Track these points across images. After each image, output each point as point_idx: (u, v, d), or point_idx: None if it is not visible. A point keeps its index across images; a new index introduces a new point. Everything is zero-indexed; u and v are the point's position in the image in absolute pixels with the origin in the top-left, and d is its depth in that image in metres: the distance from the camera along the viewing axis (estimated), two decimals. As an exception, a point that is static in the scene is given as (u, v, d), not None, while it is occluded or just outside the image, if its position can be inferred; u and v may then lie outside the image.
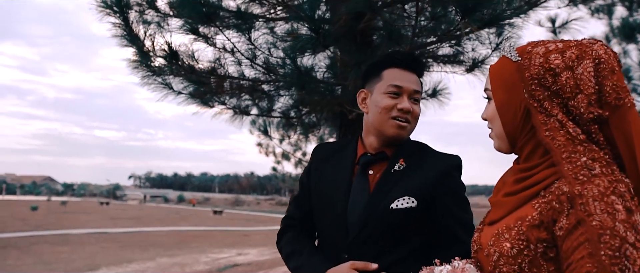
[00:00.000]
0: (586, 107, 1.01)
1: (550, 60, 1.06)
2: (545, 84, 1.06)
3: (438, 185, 1.64)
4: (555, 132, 1.03)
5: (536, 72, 1.07)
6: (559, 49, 1.07)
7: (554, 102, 1.05)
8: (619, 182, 0.96)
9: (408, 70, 1.70)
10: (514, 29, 4.00)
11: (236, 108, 4.65)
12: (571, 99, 1.03)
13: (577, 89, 1.02)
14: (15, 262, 16.91)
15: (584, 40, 1.08)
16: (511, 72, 1.12)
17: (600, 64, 1.02)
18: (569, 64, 1.04)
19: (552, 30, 6.39)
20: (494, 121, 1.19)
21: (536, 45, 1.12)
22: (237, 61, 3.54)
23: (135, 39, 3.24)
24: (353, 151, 1.77)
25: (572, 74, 1.03)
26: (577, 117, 1.03)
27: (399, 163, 1.68)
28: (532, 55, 1.09)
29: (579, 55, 1.04)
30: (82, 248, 20.95)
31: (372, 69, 1.77)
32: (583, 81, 1.02)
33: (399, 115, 1.65)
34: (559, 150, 1.02)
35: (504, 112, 1.14)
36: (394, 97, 1.66)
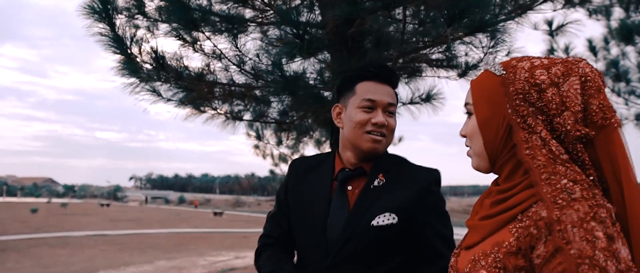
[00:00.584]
0: (573, 124, 0.97)
1: (536, 75, 1.02)
2: (530, 99, 1.02)
3: (418, 200, 1.61)
4: (536, 150, 0.99)
5: (521, 86, 1.03)
6: (544, 65, 1.03)
7: (538, 119, 1.01)
8: (600, 207, 0.91)
9: (381, 83, 1.67)
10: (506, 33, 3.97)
11: (228, 113, 4.60)
12: (557, 116, 0.99)
13: (563, 106, 0.99)
14: (14, 264, 16.85)
15: (570, 58, 1.05)
16: (495, 86, 1.08)
17: (587, 82, 0.99)
18: (555, 80, 1.00)
19: (549, 33, 6.34)
20: (474, 138, 1.14)
21: (521, 60, 1.07)
22: (224, 67, 3.49)
23: (121, 45, 3.19)
24: (331, 166, 1.74)
25: (557, 90, 0.99)
26: (563, 134, 0.99)
27: (379, 179, 1.64)
28: (517, 70, 1.05)
29: (565, 72, 1.00)
30: (81, 250, 20.88)
31: (345, 83, 1.74)
32: (569, 98, 0.98)
33: (374, 130, 1.62)
34: (539, 170, 0.97)
35: (486, 128, 1.09)
36: (368, 111, 1.63)
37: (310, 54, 2.83)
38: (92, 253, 19.86)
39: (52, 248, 21.17)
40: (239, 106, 4.56)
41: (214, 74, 3.63)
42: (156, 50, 3.19)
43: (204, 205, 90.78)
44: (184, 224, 39.34)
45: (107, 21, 3.04)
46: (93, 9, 3.12)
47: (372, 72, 1.68)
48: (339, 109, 1.74)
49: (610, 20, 7.29)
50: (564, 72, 1.00)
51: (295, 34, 2.49)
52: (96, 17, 3.02)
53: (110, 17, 3.05)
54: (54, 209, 54.58)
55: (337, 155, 1.76)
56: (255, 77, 3.35)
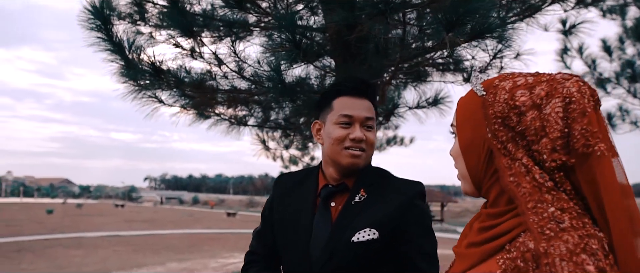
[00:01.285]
0: (549, 153, 0.89)
1: (516, 97, 0.93)
2: (509, 123, 0.94)
3: (400, 214, 1.59)
4: (521, 177, 0.91)
5: (500, 109, 0.95)
6: (527, 85, 0.94)
7: (519, 144, 0.93)
8: (590, 238, 0.83)
9: (358, 97, 1.66)
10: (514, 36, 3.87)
11: (233, 118, 4.57)
12: (535, 143, 0.91)
13: (542, 132, 0.90)
14: (28, 265, 17.04)
15: (559, 74, 0.95)
16: (476, 107, 1.00)
17: (570, 104, 0.89)
18: (537, 102, 0.91)
19: (563, 32, 6.21)
20: (458, 161, 1.08)
21: (504, 78, 0.99)
22: (223, 75, 3.44)
23: (120, 52, 3.16)
24: (314, 183, 1.73)
25: (538, 113, 0.91)
26: (541, 162, 0.91)
27: (360, 194, 1.64)
28: (497, 91, 0.97)
29: (549, 92, 0.91)
30: (95, 251, 21.05)
31: (323, 100, 1.73)
32: (549, 123, 0.89)
33: (352, 145, 1.62)
34: (524, 198, 0.90)
35: (468, 152, 1.02)
36: (346, 126, 1.63)
37: (308, 60, 2.77)
38: (105, 254, 20.01)
39: (67, 249, 21.37)
40: (243, 111, 4.53)
41: (216, 80, 3.58)
42: (153, 57, 3.15)
43: (217, 206, 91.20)
44: (198, 225, 39.51)
45: (104, 31, 3.01)
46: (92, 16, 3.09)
47: (348, 87, 1.67)
48: (318, 126, 1.74)
49: (625, 19, 7.13)
50: (548, 92, 0.91)
51: (291, 40, 2.43)
52: (94, 26, 2.99)
53: (107, 24, 3.01)
54: (69, 210, 55.21)
55: (320, 172, 1.75)
56: (256, 83, 3.31)
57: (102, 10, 2.96)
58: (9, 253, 20.05)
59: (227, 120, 4.53)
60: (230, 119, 4.56)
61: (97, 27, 2.99)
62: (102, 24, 2.99)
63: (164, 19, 3.17)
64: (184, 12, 2.92)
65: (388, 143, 10.09)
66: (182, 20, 2.89)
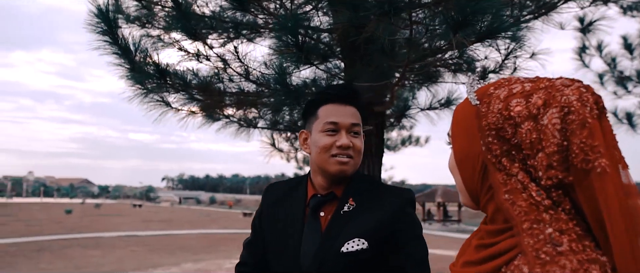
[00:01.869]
0: (545, 169, 0.81)
1: (511, 106, 0.86)
2: (504, 135, 0.86)
3: (390, 223, 1.57)
4: (517, 195, 0.84)
5: (494, 120, 0.87)
6: (524, 93, 0.86)
7: (515, 159, 0.86)
8: (591, 262, 0.76)
9: (344, 104, 1.64)
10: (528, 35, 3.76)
11: (242, 121, 4.53)
12: (531, 157, 0.83)
13: (539, 145, 0.82)
14: (47, 265, 17.26)
15: (559, 80, 0.86)
16: (470, 118, 0.93)
17: (569, 114, 0.80)
18: (533, 112, 0.83)
19: (581, 30, 6.05)
20: (454, 173, 1.01)
21: (500, 85, 0.92)
22: (229, 78, 3.40)
23: (127, 55, 3.13)
24: (304, 192, 1.71)
25: (534, 125, 0.83)
26: (538, 179, 0.83)
27: (349, 204, 1.62)
28: (491, 99, 0.89)
29: (546, 101, 0.83)
30: (112, 251, 21.25)
31: (308, 108, 1.72)
32: (546, 136, 0.81)
33: (339, 152, 1.60)
34: (520, 218, 0.82)
35: (463, 165, 0.96)
36: (332, 134, 1.62)
37: (312, 62, 2.72)
38: (122, 254, 20.19)
39: (85, 249, 21.61)
40: (252, 113, 4.49)
41: (223, 82, 3.55)
42: (159, 60, 3.12)
43: (234, 206, 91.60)
44: (215, 225, 39.69)
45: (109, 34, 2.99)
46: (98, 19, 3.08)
47: (333, 94, 1.66)
48: (305, 135, 1.74)
49: (647, 16, 6.93)
50: (545, 101, 0.83)
51: (294, 42, 2.38)
52: (100, 30, 2.97)
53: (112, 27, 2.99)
54: (88, 210, 55.90)
55: (309, 181, 1.73)
56: (263, 86, 3.26)
57: (107, 13, 2.94)
58: (29, 252, 20.36)
59: (236, 123, 4.50)
60: (239, 121, 4.53)
61: (102, 31, 2.97)
62: (108, 27, 2.96)
63: (170, 21, 3.13)
64: (188, 14, 2.88)
65: (403, 144, 9.99)
66: (185, 23, 2.86)
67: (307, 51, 2.45)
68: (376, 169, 3.82)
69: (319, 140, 1.63)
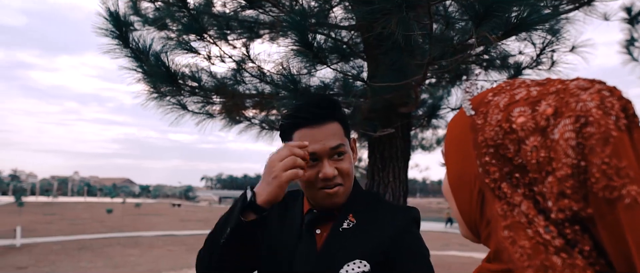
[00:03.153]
0: (556, 199, 0.61)
1: (512, 116, 0.66)
2: (504, 154, 0.67)
3: (394, 244, 1.38)
4: (519, 231, 0.64)
5: (492, 135, 0.68)
6: (529, 99, 0.66)
7: (518, 183, 0.66)
8: None
9: (319, 125, 1.41)
10: (568, 26, 3.48)
11: (263, 123, 4.40)
12: (538, 182, 0.63)
13: (548, 167, 0.62)
14: (87, 264, 17.69)
15: (575, 81, 0.65)
16: (465, 131, 0.74)
17: (587, 126, 0.60)
18: (541, 123, 0.63)
19: (629, 21, 5.63)
20: (448, 198, 0.82)
21: (500, 91, 0.72)
22: (241, 79, 3.26)
23: (138, 58, 3.03)
24: (300, 207, 1.55)
25: (543, 140, 0.63)
26: (547, 211, 0.63)
27: (348, 220, 1.44)
28: (489, 108, 0.70)
29: (557, 109, 0.63)
30: (150, 251, 21.64)
31: (282, 134, 1.51)
32: (557, 154, 0.61)
33: (325, 185, 1.41)
34: (522, 262, 0.63)
35: (458, 190, 0.77)
36: (314, 164, 1.41)
37: (325, 63, 2.53)
38: (159, 253, 20.54)
39: (124, 248, 22.10)
40: (274, 115, 4.34)
41: (240, 84, 3.41)
42: (168, 63, 3.00)
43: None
44: (250, 224, 39.91)
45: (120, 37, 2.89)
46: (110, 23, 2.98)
47: (302, 118, 1.42)
48: None
49: None
50: (556, 109, 0.63)
51: (303, 41, 2.19)
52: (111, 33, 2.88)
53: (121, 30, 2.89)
54: (128, 209, 57.30)
55: (305, 196, 1.56)
56: (280, 87, 3.10)
57: (117, 15, 2.84)
58: (71, 251, 20.97)
59: (258, 125, 4.36)
60: (261, 123, 4.39)
61: (113, 34, 2.87)
62: (118, 30, 2.86)
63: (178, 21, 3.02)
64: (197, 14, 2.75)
65: (438, 143, 9.72)
66: (194, 24, 2.73)
67: (318, 50, 2.25)
68: (402, 172, 3.62)
69: None
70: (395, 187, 3.55)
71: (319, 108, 1.43)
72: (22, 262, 17.39)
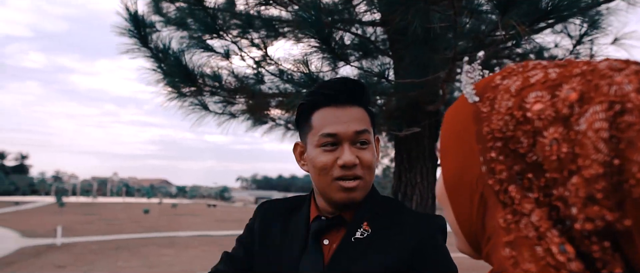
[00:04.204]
0: (583, 204, 0.48)
1: (527, 103, 0.53)
2: (516, 149, 0.54)
3: (416, 257, 1.16)
4: (524, 249, 0.51)
5: (501, 125, 0.55)
6: (548, 82, 0.53)
7: (531, 186, 0.53)
8: None
9: (344, 106, 1.23)
10: (610, 16, 3.25)
11: (289, 123, 4.31)
12: (558, 184, 0.50)
13: (572, 165, 0.49)
14: (124, 263, 18.03)
15: (604, 62, 0.52)
16: (466, 123, 0.61)
17: (623, 115, 0.46)
18: (563, 111, 0.50)
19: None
20: (443, 204, 0.68)
21: (511, 73, 0.59)
22: (261, 78, 3.17)
23: (157, 58, 2.99)
24: (306, 213, 1.33)
25: (565, 132, 0.49)
26: (567, 220, 0.50)
27: (363, 229, 1.23)
28: (497, 94, 0.57)
29: (585, 93, 0.49)
30: (185, 251, 21.91)
31: (299, 115, 1.31)
32: (585, 149, 0.48)
33: (343, 174, 1.20)
34: None
35: (455, 195, 0.63)
36: (331, 149, 1.22)
37: (342, 59, 2.40)
38: (194, 253, 20.78)
39: (160, 248, 22.45)
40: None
41: (262, 83, 3.32)
42: (185, 63, 2.94)
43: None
44: (283, 225, 40.06)
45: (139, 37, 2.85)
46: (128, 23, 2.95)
47: (326, 95, 1.24)
48: (301, 148, 1.34)
49: None
50: (583, 93, 0.49)
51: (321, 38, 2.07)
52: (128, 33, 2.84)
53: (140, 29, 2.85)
54: (164, 209, 58.39)
55: (312, 199, 1.35)
56: (302, 86, 3.00)
57: (135, 15, 2.80)
58: (108, 250, 21.43)
59: (283, 125, 4.28)
60: (286, 123, 4.30)
61: (129, 33, 2.83)
62: (136, 29, 2.82)
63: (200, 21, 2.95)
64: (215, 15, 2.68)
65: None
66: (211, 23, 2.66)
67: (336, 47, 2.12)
68: (430, 173, 3.47)
69: (315, 158, 1.24)
70: (423, 188, 3.41)
71: (347, 86, 1.25)
72: (61, 260, 17.87)
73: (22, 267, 15.94)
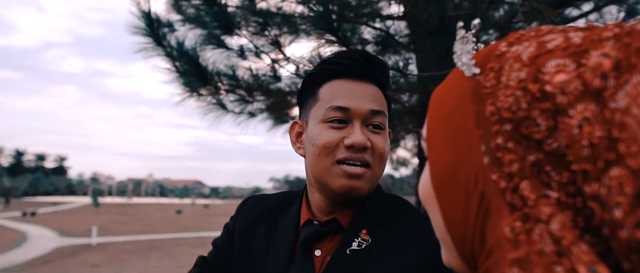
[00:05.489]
0: (630, 206, 0.35)
1: (545, 73, 0.41)
2: (530, 134, 0.42)
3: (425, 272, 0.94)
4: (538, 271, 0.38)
5: (510, 103, 0.43)
6: (571, 48, 0.41)
7: (551, 181, 0.40)
8: None
9: (360, 81, 1.03)
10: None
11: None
12: (590, 179, 0.38)
13: (609, 153, 0.37)
14: (156, 263, 18.29)
15: (638, 25, 0.40)
16: (461, 102, 0.49)
17: None
18: (594, 84, 0.38)
19: None
20: (429, 206, 0.55)
21: (521, 38, 0.46)
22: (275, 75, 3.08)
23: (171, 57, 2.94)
24: (295, 216, 1.11)
25: (598, 110, 0.38)
26: (605, 228, 0.38)
27: (361, 238, 1.00)
28: (505, 64, 0.45)
29: (622, 61, 0.38)
30: (216, 251, 22.09)
31: (304, 88, 1.10)
32: (628, 131, 0.36)
33: (349, 157, 0.98)
34: None
35: (445, 194, 0.49)
36: (339, 126, 1.00)
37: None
38: (224, 254, 20.92)
39: (191, 248, 22.69)
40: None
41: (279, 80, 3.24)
42: (198, 61, 2.88)
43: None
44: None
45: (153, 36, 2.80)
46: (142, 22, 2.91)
47: (341, 65, 1.03)
48: (299, 128, 1.12)
49: None
50: (618, 61, 0.37)
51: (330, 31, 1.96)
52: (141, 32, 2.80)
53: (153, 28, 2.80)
54: (197, 210, 59.13)
55: (304, 199, 1.13)
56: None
57: (149, 15, 2.76)
58: (142, 250, 21.79)
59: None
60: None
61: (143, 31, 2.79)
62: (150, 28, 2.77)
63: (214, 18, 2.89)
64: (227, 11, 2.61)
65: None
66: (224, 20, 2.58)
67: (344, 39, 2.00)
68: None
69: (318, 134, 1.01)
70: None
71: (366, 59, 1.05)
72: (96, 260, 18.25)
73: (58, 267, 16.35)
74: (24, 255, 18.76)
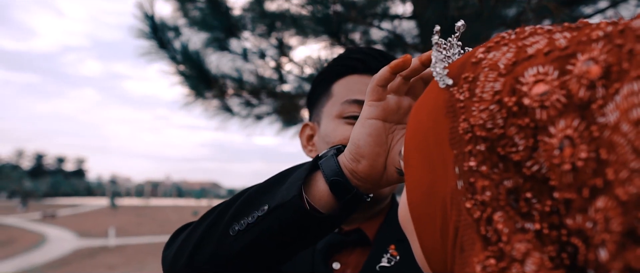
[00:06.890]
0: (618, 245, 0.29)
1: (523, 84, 0.35)
2: (507, 154, 0.36)
3: None
4: None
5: (483, 120, 0.37)
6: (555, 52, 0.35)
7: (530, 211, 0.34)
8: None
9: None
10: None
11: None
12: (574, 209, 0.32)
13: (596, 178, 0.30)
14: (172, 265, 18.41)
15: (636, 20, 0.32)
16: (434, 117, 0.43)
17: None
18: (580, 95, 0.31)
19: None
20: (407, 231, 0.49)
21: (500, 43, 0.40)
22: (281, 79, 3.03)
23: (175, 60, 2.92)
24: None
25: (584, 126, 0.31)
26: (589, 270, 0.31)
27: (390, 254, 0.92)
28: (479, 73, 0.39)
29: (613, 66, 0.31)
30: (231, 252, 22.19)
31: (316, 87, 1.05)
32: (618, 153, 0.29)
33: None
34: None
35: (420, 218, 0.44)
36: (352, 122, 0.93)
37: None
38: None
39: (207, 249, 22.81)
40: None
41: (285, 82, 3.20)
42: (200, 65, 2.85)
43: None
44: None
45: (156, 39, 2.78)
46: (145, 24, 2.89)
47: (355, 60, 0.98)
48: (310, 130, 1.06)
49: None
50: (608, 66, 0.31)
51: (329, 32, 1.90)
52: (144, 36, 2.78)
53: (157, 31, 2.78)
54: (214, 211, 59.45)
55: None
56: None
57: (152, 18, 2.74)
58: (158, 251, 21.96)
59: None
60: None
61: (146, 34, 2.77)
62: (153, 30, 2.76)
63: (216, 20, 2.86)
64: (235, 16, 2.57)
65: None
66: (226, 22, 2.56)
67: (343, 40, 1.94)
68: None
69: (334, 131, 0.94)
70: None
71: (379, 54, 1.00)
72: (112, 261, 18.42)
73: (77, 268, 16.54)
74: (44, 257, 19.03)
